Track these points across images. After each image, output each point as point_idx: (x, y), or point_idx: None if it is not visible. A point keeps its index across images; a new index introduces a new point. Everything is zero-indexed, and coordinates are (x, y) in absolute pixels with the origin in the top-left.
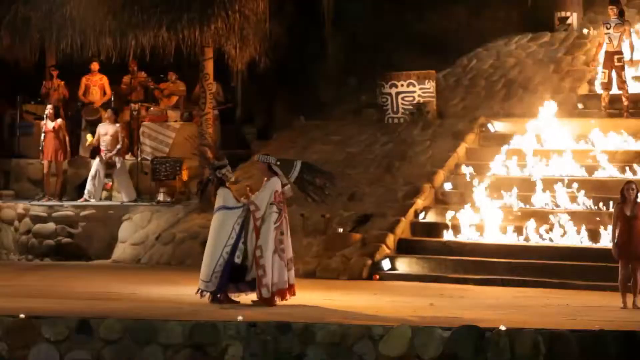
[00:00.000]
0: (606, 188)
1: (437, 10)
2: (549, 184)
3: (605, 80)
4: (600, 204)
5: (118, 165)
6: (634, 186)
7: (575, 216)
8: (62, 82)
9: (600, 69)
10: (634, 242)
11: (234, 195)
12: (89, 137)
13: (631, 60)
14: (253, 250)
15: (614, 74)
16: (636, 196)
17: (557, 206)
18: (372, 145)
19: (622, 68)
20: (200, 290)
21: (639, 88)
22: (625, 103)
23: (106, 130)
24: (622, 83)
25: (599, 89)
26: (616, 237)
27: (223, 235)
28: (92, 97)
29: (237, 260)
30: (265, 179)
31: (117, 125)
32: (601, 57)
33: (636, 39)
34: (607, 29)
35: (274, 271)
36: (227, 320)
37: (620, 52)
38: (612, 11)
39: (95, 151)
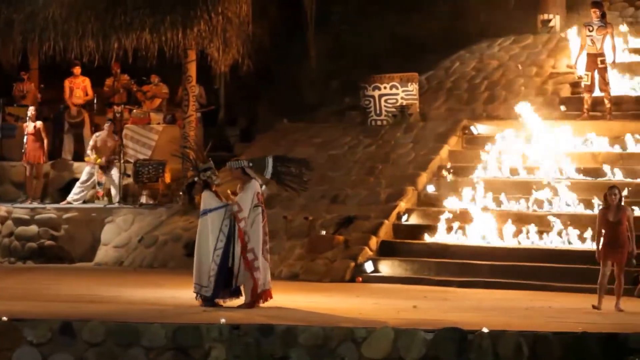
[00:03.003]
0: (589, 190)
1: (420, 12)
2: (531, 186)
3: (588, 83)
4: (583, 206)
5: (113, 173)
6: (616, 191)
7: (558, 218)
8: (33, 84)
9: (582, 71)
10: (618, 246)
11: (217, 196)
12: (93, 157)
13: (613, 62)
14: (240, 254)
15: (596, 76)
16: (619, 201)
17: (540, 208)
18: (355, 148)
19: (605, 70)
20: (197, 294)
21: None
22: (608, 105)
23: (105, 141)
24: (604, 85)
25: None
26: (600, 241)
27: (211, 239)
28: (75, 100)
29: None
30: (242, 182)
31: (117, 138)
32: (582, 59)
33: (618, 41)
34: (590, 31)
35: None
36: (210, 323)
37: (602, 55)
38: (594, 13)
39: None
